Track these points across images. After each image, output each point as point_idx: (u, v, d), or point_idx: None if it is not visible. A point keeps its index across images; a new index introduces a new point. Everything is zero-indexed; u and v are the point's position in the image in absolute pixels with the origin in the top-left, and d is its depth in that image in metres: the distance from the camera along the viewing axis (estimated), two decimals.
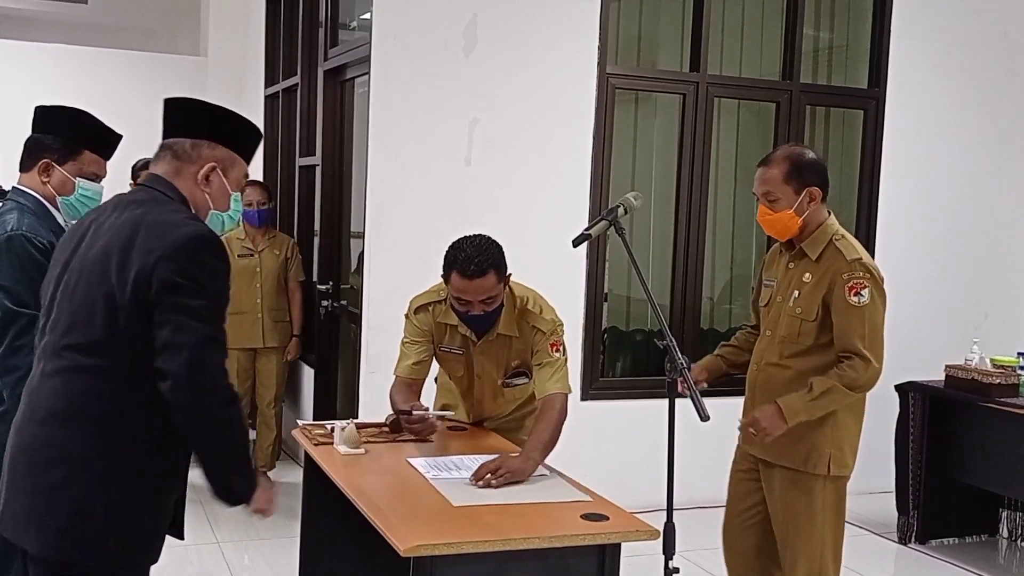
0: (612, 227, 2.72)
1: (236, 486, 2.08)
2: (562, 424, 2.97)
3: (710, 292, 5.65)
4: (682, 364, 2.47)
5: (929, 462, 4.85)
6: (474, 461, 2.91)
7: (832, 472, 3.00)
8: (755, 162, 5.68)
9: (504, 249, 3.02)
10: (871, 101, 5.68)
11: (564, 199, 4.94)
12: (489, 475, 2.70)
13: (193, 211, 2.18)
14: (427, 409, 3.13)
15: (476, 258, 2.93)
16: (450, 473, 2.82)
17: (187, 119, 2.23)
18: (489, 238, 2.99)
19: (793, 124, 5.52)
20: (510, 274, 3.06)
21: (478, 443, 3.18)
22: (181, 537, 2.22)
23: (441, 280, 3.06)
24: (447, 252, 2.99)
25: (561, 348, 3.06)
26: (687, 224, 5.34)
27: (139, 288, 1.99)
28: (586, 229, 2.75)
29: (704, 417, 2.39)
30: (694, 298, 5.29)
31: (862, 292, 2.84)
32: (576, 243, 2.78)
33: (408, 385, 3.21)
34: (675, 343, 2.52)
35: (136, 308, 1.99)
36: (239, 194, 2.28)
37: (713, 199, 5.50)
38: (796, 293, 2.98)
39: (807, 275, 2.95)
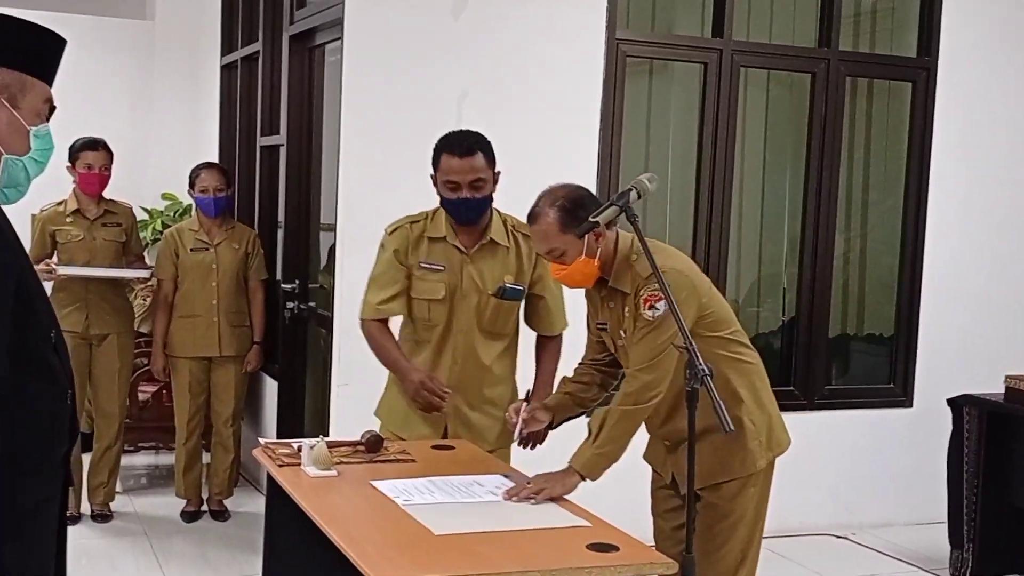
0: (623, 213, 2.75)
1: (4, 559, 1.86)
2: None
3: (735, 293, 5.67)
4: (704, 371, 2.50)
5: (987, 487, 4.87)
6: (447, 483, 2.95)
7: (771, 456, 3.18)
8: (788, 142, 5.78)
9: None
10: (921, 72, 5.71)
11: (566, 181, 4.94)
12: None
13: None
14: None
15: (466, 137, 3.44)
16: (423, 497, 2.84)
17: None
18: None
19: (831, 98, 5.54)
20: (499, 172, 3.50)
21: (465, 464, 3.20)
22: None
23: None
24: (437, 141, 3.46)
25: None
26: (708, 214, 5.36)
27: None
28: (593, 216, 2.78)
29: (729, 429, 2.46)
30: None
31: (657, 304, 2.95)
32: (582, 232, 2.81)
33: (383, 326, 3.55)
34: (695, 347, 2.55)
35: None
36: (46, 126, 2.01)
37: (739, 185, 5.52)
38: (624, 333, 3.10)
39: (627, 309, 3.06)
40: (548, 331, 3.70)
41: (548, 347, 3.71)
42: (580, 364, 3.37)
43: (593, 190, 5.01)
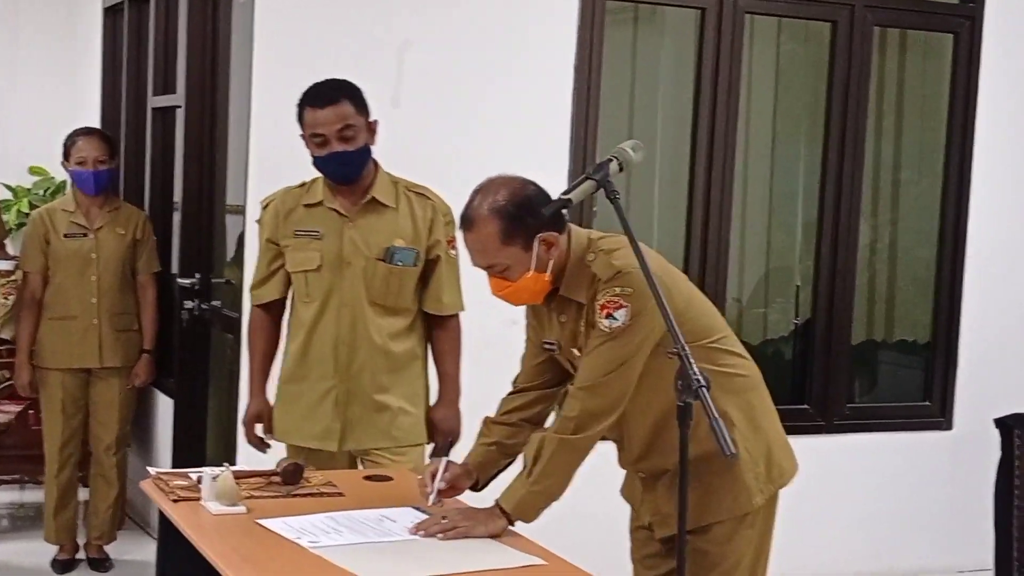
0: (602, 189, 2.73)
1: None
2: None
3: (737, 291, 5.70)
4: (700, 383, 2.51)
5: None
6: (350, 519, 2.98)
7: (772, 489, 3.16)
8: (803, 108, 5.81)
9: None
10: (964, 21, 5.77)
11: (534, 153, 4.94)
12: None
13: None
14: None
15: (328, 85, 3.72)
16: (331, 538, 2.87)
17: None
18: None
19: (856, 52, 5.58)
20: (376, 121, 3.74)
21: (405, 499, 3.21)
22: None
23: None
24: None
25: (457, 248, 3.35)
26: (705, 194, 5.38)
27: None
28: (565, 192, 2.78)
29: (729, 453, 2.44)
30: (715, 298, 5.32)
31: (616, 314, 2.94)
32: (551, 211, 2.80)
33: (265, 318, 3.89)
34: (689, 354, 2.54)
35: None
36: None
37: (743, 160, 5.55)
38: (578, 352, 3.07)
39: (582, 322, 3.05)
40: (435, 308, 3.86)
41: (442, 336, 3.89)
42: (511, 394, 3.29)
43: (565, 162, 5.12)
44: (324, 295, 3.78)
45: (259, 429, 3.96)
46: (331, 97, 3.67)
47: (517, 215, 2.95)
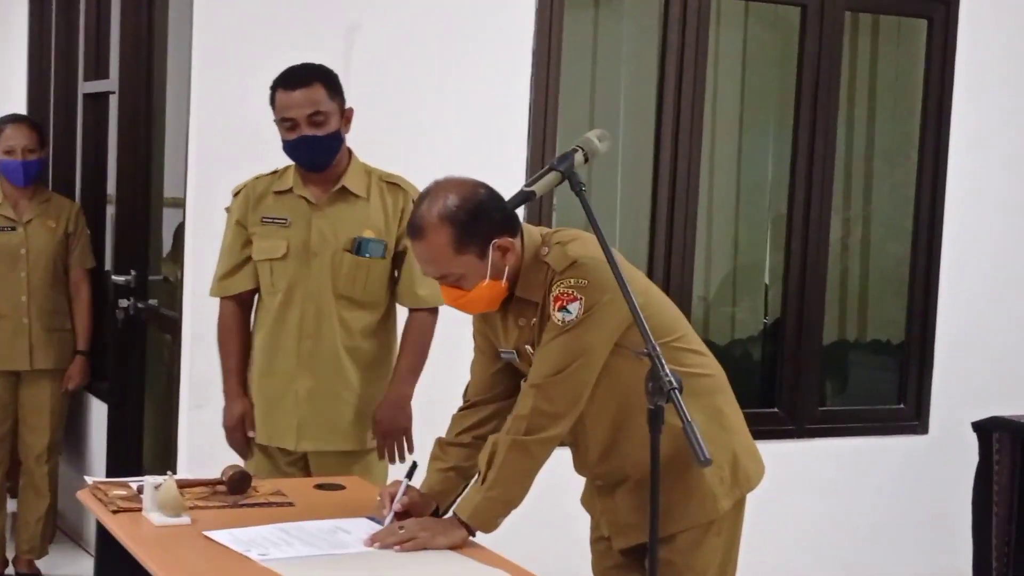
0: (566, 181, 2.75)
1: None
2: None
3: (702, 288, 5.73)
4: (671, 384, 2.53)
5: (1022, 532, 4.97)
6: (302, 530, 2.98)
7: (739, 494, 3.17)
8: (771, 95, 5.85)
9: None
10: (938, 6, 5.81)
11: (490, 142, 4.97)
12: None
13: None
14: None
15: (302, 68, 3.81)
16: (281, 550, 2.86)
17: None
18: None
19: (826, 38, 5.62)
20: (351, 109, 3.85)
21: (358, 509, 3.22)
22: None
23: None
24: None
25: None
26: (670, 185, 5.41)
27: None
28: (527, 184, 2.79)
29: (704, 460, 2.46)
30: (680, 296, 5.37)
31: (569, 307, 2.95)
32: (512, 204, 2.81)
33: (237, 312, 3.94)
34: (660, 354, 2.57)
35: None
36: None
37: (709, 150, 5.58)
38: (531, 349, 3.09)
39: (534, 320, 3.06)
40: (412, 301, 3.92)
41: (409, 329, 3.94)
42: (463, 410, 3.26)
43: (523, 155, 5.13)
44: (289, 285, 3.84)
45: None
46: (303, 80, 3.77)
47: (470, 221, 2.93)
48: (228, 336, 3.99)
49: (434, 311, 3.96)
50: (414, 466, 3.21)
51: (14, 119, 5.54)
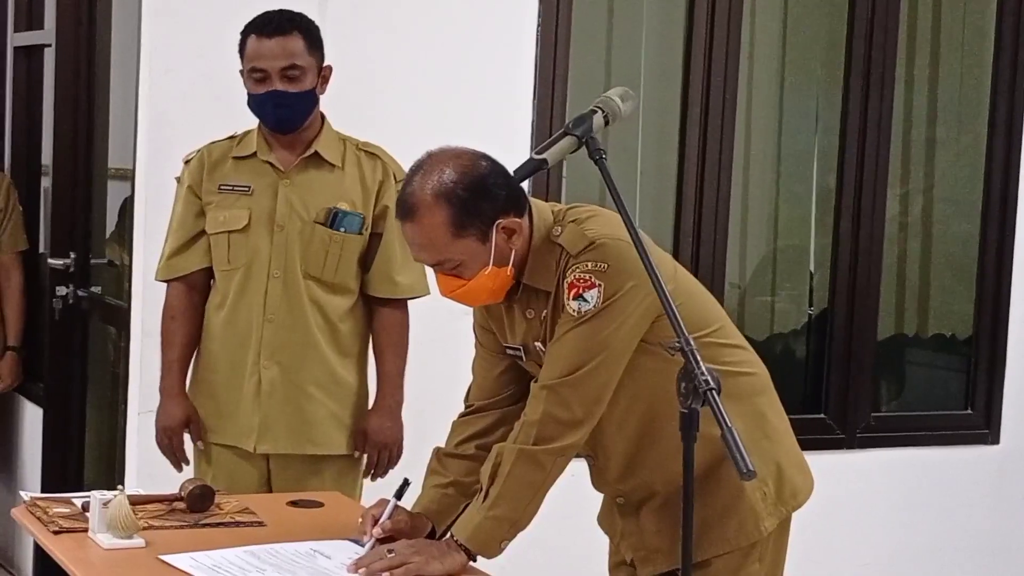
0: (583, 147, 2.75)
1: None
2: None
3: (737, 275, 5.74)
4: (708, 384, 2.53)
5: None
6: (275, 554, 2.99)
7: (784, 512, 3.17)
8: (817, 54, 5.85)
9: None
10: None
11: (489, 105, 4.98)
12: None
13: None
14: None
15: (278, 14, 3.87)
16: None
17: None
18: None
19: None
20: (330, 67, 3.93)
21: (339, 530, 3.23)
22: None
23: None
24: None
25: None
26: (699, 157, 5.42)
27: None
28: (537, 151, 2.79)
29: (746, 472, 2.47)
30: (711, 283, 5.38)
31: (586, 294, 2.94)
32: (521, 175, 2.82)
33: (185, 296, 3.97)
34: (695, 349, 2.58)
35: None
36: None
37: (744, 116, 5.59)
38: (540, 346, 3.09)
39: (545, 312, 3.06)
40: (387, 290, 3.96)
41: (386, 325, 4.00)
42: (464, 416, 3.28)
43: (528, 120, 5.11)
44: (248, 262, 3.88)
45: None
46: (280, 28, 3.83)
47: (470, 199, 2.91)
48: (172, 324, 4.02)
49: (405, 306, 4.00)
50: (405, 484, 3.19)
51: None
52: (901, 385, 6.17)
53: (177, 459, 4.02)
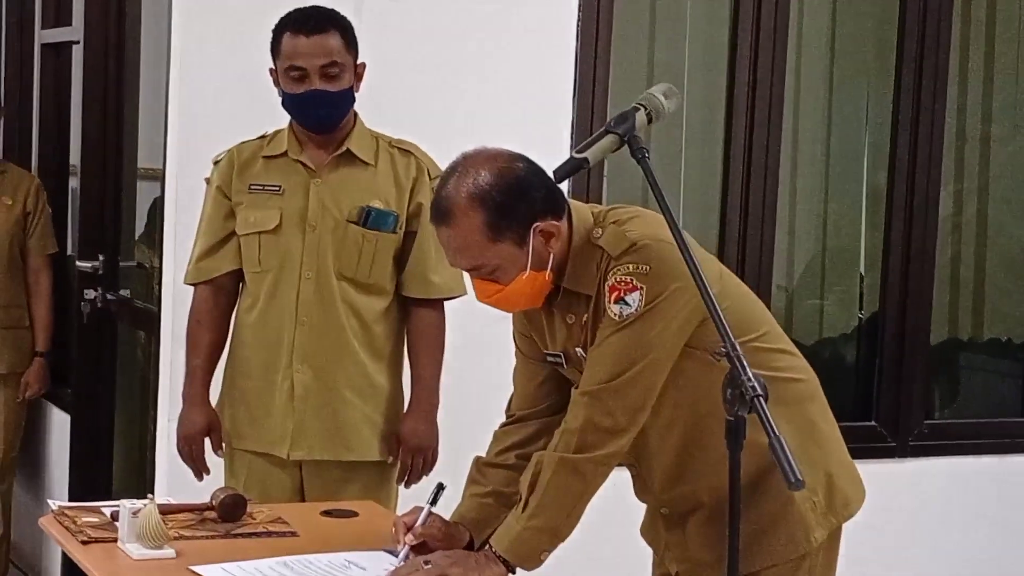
0: (625, 146, 2.76)
1: None
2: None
3: (783, 277, 5.73)
4: (755, 391, 2.52)
5: None
6: (308, 565, 2.99)
7: (834, 523, 3.16)
8: (867, 49, 5.83)
9: None
10: None
11: (528, 104, 4.96)
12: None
13: None
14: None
15: (315, 11, 3.93)
16: None
17: None
18: None
19: None
20: (363, 64, 3.95)
21: (373, 540, 3.24)
22: None
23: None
24: (277, 22, 3.94)
25: None
26: (745, 156, 5.41)
27: None
28: (578, 150, 2.79)
29: (795, 481, 2.45)
30: (757, 285, 5.37)
31: (628, 297, 2.93)
32: (561, 175, 2.82)
33: (214, 300, 3.99)
34: (741, 354, 2.58)
35: None
36: None
37: (792, 114, 5.58)
38: (581, 353, 3.08)
39: (585, 317, 3.05)
40: (421, 290, 3.98)
41: (421, 327, 4.02)
42: (506, 425, 3.29)
43: (568, 119, 5.10)
44: (280, 263, 3.90)
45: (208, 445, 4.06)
46: (319, 25, 3.87)
47: (507, 202, 2.93)
48: (199, 329, 4.05)
49: (441, 306, 4.03)
50: (440, 488, 3.20)
51: None
52: (955, 391, 6.15)
53: (198, 468, 4.04)
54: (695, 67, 5.56)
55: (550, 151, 3.21)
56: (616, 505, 3.33)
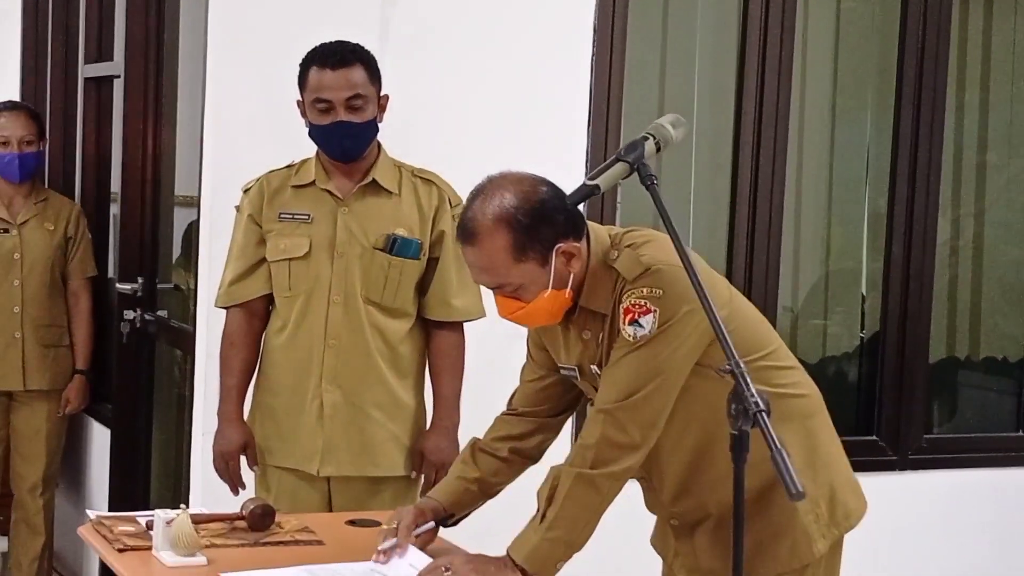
0: (635, 173, 2.76)
1: None
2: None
3: (789, 299, 5.72)
4: (757, 406, 2.52)
5: None
6: (331, 573, 3.00)
7: (836, 534, 3.16)
8: (868, 76, 5.83)
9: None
10: None
11: (544, 132, 4.97)
12: None
13: None
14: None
15: (340, 45, 3.92)
16: None
17: None
18: None
19: (932, 8, 5.58)
20: (387, 96, 3.99)
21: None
22: None
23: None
24: (304, 56, 3.96)
25: None
26: (752, 181, 5.40)
27: None
28: (590, 177, 2.79)
29: (796, 492, 2.44)
30: (763, 307, 5.35)
31: (642, 320, 2.95)
32: (573, 200, 2.83)
33: (245, 323, 4.00)
34: (744, 370, 2.57)
35: None
36: None
37: (796, 140, 5.57)
38: (596, 369, 3.10)
39: (601, 335, 3.06)
40: (443, 313, 4.01)
41: (443, 348, 4.04)
42: (506, 415, 3.35)
43: (583, 146, 5.11)
44: (310, 288, 3.91)
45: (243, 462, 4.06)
46: (343, 60, 3.89)
47: (531, 224, 2.96)
48: (231, 351, 4.05)
49: (462, 328, 4.04)
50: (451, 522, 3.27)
51: (10, 106, 5.59)
52: (953, 407, 6.12)
53: (234, 483, 4.05)
54: (704, 97, 5.56)
55: (566, 177, 3.21)
56: (628, 516, 3.32)
